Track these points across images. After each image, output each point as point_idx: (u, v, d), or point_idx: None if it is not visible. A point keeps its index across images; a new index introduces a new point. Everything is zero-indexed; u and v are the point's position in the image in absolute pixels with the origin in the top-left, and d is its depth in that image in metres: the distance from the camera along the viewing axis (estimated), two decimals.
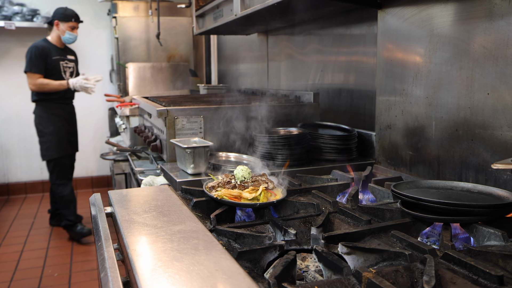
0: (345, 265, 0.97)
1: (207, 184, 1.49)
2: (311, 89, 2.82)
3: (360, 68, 2.33)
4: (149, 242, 1.06)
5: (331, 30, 2.59)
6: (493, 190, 1.31)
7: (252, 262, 1.06)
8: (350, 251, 1.05)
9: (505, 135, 1.37)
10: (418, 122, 1.72)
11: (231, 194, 1.39)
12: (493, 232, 1.13)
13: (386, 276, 0.92)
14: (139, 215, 1.26)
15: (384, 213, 1.34)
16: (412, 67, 1.73)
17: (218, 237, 1.18)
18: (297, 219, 1.33)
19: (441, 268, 0.96)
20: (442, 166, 1.62)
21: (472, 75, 1.47)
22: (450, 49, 1.55)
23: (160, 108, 2.19)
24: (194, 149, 1.84)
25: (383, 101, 1.91)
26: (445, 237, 1.12)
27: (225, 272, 0.90)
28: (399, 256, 1.02)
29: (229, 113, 2.28)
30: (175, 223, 1.18)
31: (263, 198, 1.38)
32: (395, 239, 1.14)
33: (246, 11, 2.43)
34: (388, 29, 1.85)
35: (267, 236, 1.17)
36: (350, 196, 1.49)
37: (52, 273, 4.07)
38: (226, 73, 4.94)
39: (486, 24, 1.40)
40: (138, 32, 5.73)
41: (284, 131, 2.33)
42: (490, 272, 0.89)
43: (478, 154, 1.47)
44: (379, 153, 1.97)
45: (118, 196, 1.45)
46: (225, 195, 1.39)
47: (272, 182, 1.48)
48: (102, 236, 1.15)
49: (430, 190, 1.39)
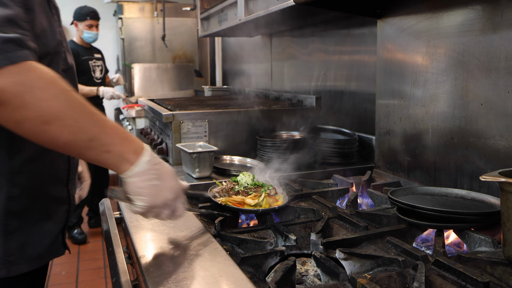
0: (341, 271, 1.03)
1: (211, 190, 1.55)
2: (314, 90, 2.87)
3: (363, 71, 2.38)
4: (156, 248, 1.13)
5: (333, 33, 2.64)
6: (486, 198, 1.37)
7: (254, 267, 1.12)
8: (347, 257, 1.12)
9: (497, 144, 1.43)
10: (416, 129, 1.78)
11: (234, 200, 1.45)
12: (484, 238, 1.19)
13: (380, 281, 0.98)
14: (147, 221, 1.32)
15: (381, 218, 1.39)
16: (410, 76, 1.78)
17: (222, 242, 1.24)
18: (298, 224, 1.39)
19: (432, 274, 1.02)
20: (439, 172, 1.68)
21: (466, 86, 1.53)
22: (445, 60, 1.61)
23: (166, 113, 2.25)
24: (199, 154, 1.91)
25: (382, 107, 1.97)
26: (438, 243, 1.18)
27: (229, 277, 0.96)
28: (393, 262, 1.08)
29: (233, 117, 2.35)
30: (181, 229, 1.25)
31: (265, 204, 1.44)
32: (390, 245, 1.19)
33: (250, 17, 2.48)
34: (387, 38, 1.90)
35: (269, 242, 1.23)
36: (349, 201, 1.54)
37: (60, 271, 4.15)
38: (230, 73, 4.99)
39: (480, 37, 1.46)
40: (143, 33, 5.79)
41: (287, 135, 2.39)
42: (477, 279, 0.95)
43: (472, 162, 1.53)
44: (378, 158, 2.03)
45: None
46: (229, 201, 1.45)
47: (274, 188, 1.54)
48: (113, 242, 1.22)
49: (426, 196, 1.45)
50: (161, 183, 1.03)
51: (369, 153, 2.17)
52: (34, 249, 1.17)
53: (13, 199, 1.11)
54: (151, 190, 1.02)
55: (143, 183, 1.01)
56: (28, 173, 1.13)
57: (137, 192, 1.02)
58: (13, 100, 0.86)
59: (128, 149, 0.99)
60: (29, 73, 0.88)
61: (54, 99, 0.89)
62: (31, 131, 0.90)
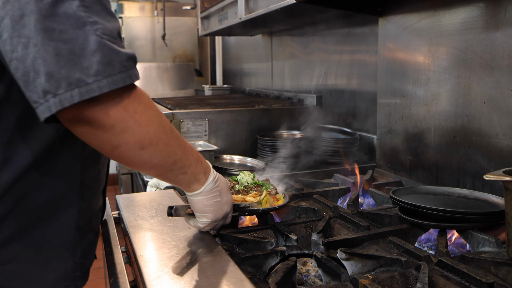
0: (343, 272, 1.02)
1: None
2: (315, 89, 2.86)
3: (364, 70, 2.36)
4: (155, 248, 1.11)
5: (334, 31, 2.62)
6: (489, 197, 1.35)
7: (255, 267, 1.11)
8: (349, 257, 1.10)
9: (500, 143, 1.41)
10: (418, 128, 1.76)
11: (235, 199, 1.44)
12: (487, 238, 1.17)
13: (382, 282, 0.97)
14: (146, 221, 1.31)
15: (383, 218, 1.38)
16: (412, 74, 1.77)
17: (222, 242, 1.23)
18: (299, 224, 1.37)
19: (435, 275, 1.00)
20: (441, 172, 1.66)
21: (469, 84, 1.51)
22: (448, 58, 1.59)
23: (165, 112, 2.24)
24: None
25: (384, 106, 1.96)
26: (441, 243, 1.17)
27: (229, 278, 0.95)
28: (395, 262, 1.06)
29: (233, 116, 2.34)
30: (181, 229, 1.23)
31: (265, 203, 1.43)
32: (392, 245, 1.18)
33: (251, 15, 2.47)
34: (388, 36, 1.89)
35: (269, 242, 1.22)
36: (351, 201, 1.53)
37: None
38: (231, 72, 4.98)
39: (483, 35, 1.44)
40: (143, 32, 5.78)
41: (288, 134, 2.38)
42: (481, 279, 0.93)
43: (475, 161, 1.51)
44: (380, 157, 2.01)
45: (126, 200, 1.50)
46: None
47: (275, 188, 1.53)
48: (112, 242, 1.20)
49: (428, 196, 1.43)
50: (222, 198, 1.10)
51: (370, 152, 2.16)
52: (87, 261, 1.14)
53: (81, 213, 1.08)
54: (214, 207, 1.09)
55: (209, 201, 1.07)
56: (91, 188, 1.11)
57: (203, 210, 1.08)
58: (117, 125, 0.83)
59: (200, 170, 1.04)
60: (130, 96, 0.84)
61: (152, 124, 0.88)
62: (125, 155, 0.89)
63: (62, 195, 1.03)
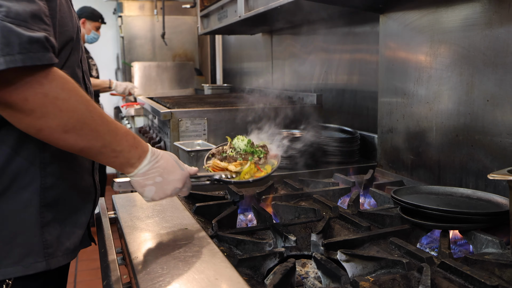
0: (343, 274, 0.99)
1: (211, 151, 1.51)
2: (315, 88, 2.83)
3: (364, 68, 2.34)
4: (151, 249, 1.09)
5: (335, 30, 2.60)
6: (492, 197, 1.32)
7: (252, 269, 1.08)
8: (349, 259, 1.07)
9: (504, 142, 1.39)
10: (419, 127, 1.73)
11: (217, 166, 1.40)
12: (491, 239, 1.15)
13: (383, 285, 0.94)
14: (142, 221, 1.28)
15: (384, 219, 1.35)
16: (413, 72, 1.74)
17: (219, 243, 1.20)
18: (298, 224, 1.35)
19: (438, 277, 0.97)
20: (443, 171, 1.63)
21: (472, 82, 1.48)
22: (450, 55, 1.56)
23: (164, 111, 2.21)
24: (198, 153, 1.87)
25: (385, 105, 1.93)
26: (443, 244, 1.14)
27: (225, 280, 0.92)
28: (396, 264, 1.03)
29: (232, 115, 2.31)
30: (177, 229, 1.21)
31: (244, 174, 1.37)
32: (393, 246, 1.15)
33: (250, 13, 2.44)
34: (389, 33, 1.86)
35: (268, 243, 1.19)
36: (351, 201, 1.50)
37: None
38: (231, 71, 4.96)
39: (486, 31, 1.41)
40: (143, 31, 5.76)
41: (288, 133, 2.35)
42: (486, 282, 0.90)
43: (478, 160, 1.48)
44: (381, 156, 1.98)
45: (122, 200, 1.48)
46: (214, 166, 1.40)
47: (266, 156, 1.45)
48: (106, 243, 1.18)
49: (430, 196, 1.41)
50: (164, 178, 1.13)
51: (371, 151, 2.13)
52: (70, 241, 1.16)
53: (46, 190, 1.10)
54: (156, 186, 1.13)
55: (147, 181, 1.12)
56: (58, 163, 1.13)
57: (143, 189, 1.13)
58: (37, 110, 0.88)
59: (133, 155, 1.08)
60: (53, 82, 0.89)
61: (76, 110, 0.93)
62: (50, 138, 0.94)
63: (19, 170, 1.06)
